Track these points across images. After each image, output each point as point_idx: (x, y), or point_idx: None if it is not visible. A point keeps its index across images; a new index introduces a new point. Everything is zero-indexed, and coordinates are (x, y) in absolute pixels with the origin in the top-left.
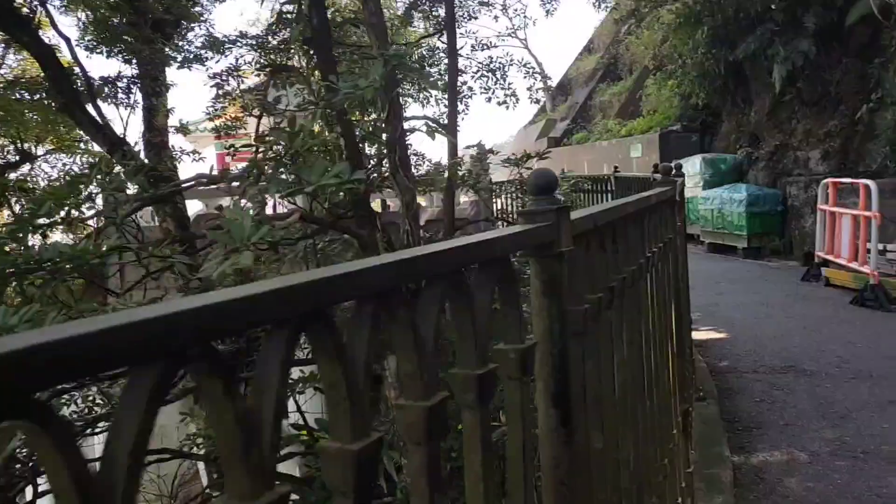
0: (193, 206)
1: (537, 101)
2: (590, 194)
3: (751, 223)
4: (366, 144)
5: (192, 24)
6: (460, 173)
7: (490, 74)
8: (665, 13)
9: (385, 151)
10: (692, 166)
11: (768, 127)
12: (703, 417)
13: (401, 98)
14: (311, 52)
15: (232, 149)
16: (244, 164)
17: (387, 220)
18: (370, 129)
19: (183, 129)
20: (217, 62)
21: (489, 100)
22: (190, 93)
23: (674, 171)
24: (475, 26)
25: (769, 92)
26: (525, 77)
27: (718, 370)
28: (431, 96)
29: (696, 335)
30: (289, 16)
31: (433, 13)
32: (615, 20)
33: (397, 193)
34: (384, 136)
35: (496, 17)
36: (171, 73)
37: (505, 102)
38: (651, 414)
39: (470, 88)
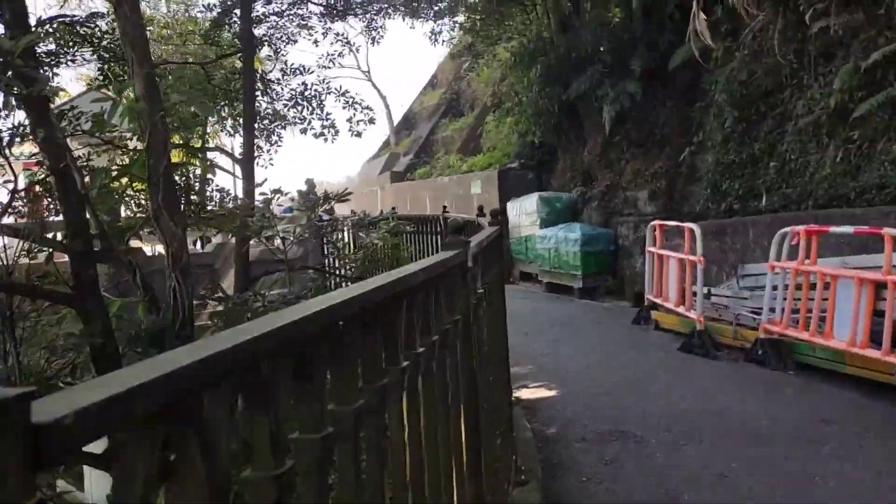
0: None
1: (358, 135)
2: (417, 236)
3: (585, 263)
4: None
5: None
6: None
7: (305, 103)
8: (501, 51)
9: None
10: (530, 204)
11: (600, 167)
12: None
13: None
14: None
15: None
16: None
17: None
18: (124, 161)
19: None
20: None
21: (304, 131)
22: None
23: (494, 218)
24: (304, 54)
25: (601, 132)
26: (345, 108)
27: (546, 439)
28: (238, 124)
29: (526, 394)
30: None
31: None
32: (451, 55)
33: (160, 239)
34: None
35: (316, 42)
36: None
37: (322, 134)
38: None
39: (283, 118)
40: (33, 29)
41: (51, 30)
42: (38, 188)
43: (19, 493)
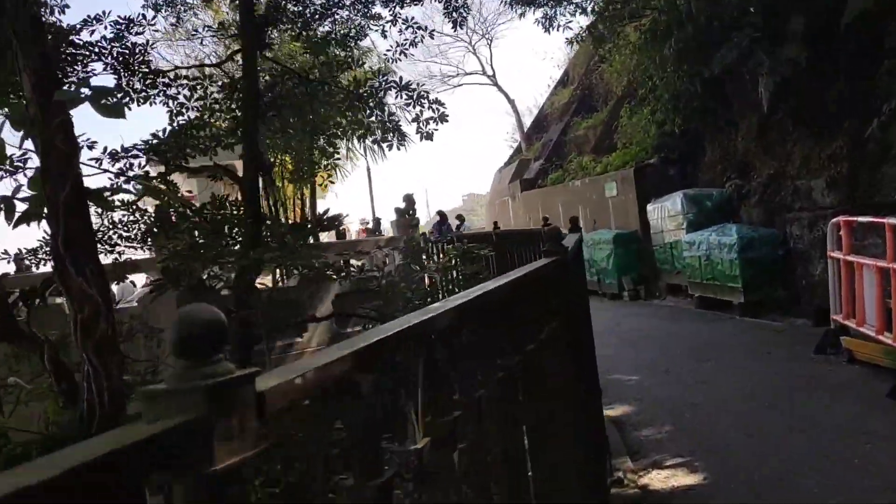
0: None
1: (429, 137)
2: (515, 256)
3: (745, 272)
4: None
5: None
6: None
7: (358, 104)
8: (631, 31)
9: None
10: (673, 205)
11: (759, 153)
12: None
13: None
14: None
15: None
16: None
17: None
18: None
19: None
20: None
21: (362, 138)
22: None
23: (554, 245)
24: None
25: (756, 111)
26: (409, 105)
27: None
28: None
29: (658, 480)
30: None
31: (304, 30)
32: (569, 42)
33: (68, 304)
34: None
35: (384, 33)
36: None
37: (385, 141)
38: None
39: (337, 123)
40: None
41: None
42: None
43: None
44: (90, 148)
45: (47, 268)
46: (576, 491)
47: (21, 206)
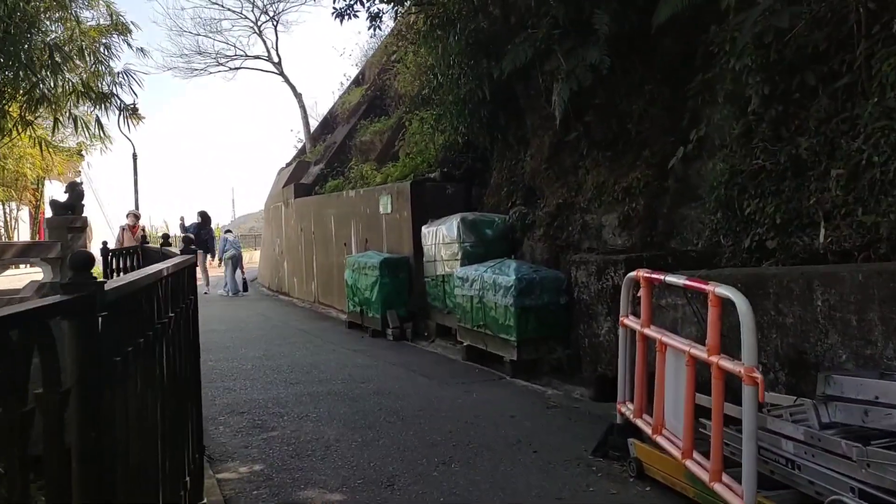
0: None
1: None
2: None
3: (522, 323)
4: None
5: None
6: None
7: None
8: (420, 21)
9: None
10: (449, 230)
11: (548, 178)
12: None
13: None
14: None
15: None
16: None
17: None
18: None
19: None
20: None
21: None
22: None
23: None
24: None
25: (550, 128)
26: None
27: None
28: None
29: None
30: None
31: None
32: (334, 10)
33: None
34: None
35: None
36: None
37: None
38: None
39: None
40: None
41: None
42: None
43: None
44: None
45: None
46: None
47: None
